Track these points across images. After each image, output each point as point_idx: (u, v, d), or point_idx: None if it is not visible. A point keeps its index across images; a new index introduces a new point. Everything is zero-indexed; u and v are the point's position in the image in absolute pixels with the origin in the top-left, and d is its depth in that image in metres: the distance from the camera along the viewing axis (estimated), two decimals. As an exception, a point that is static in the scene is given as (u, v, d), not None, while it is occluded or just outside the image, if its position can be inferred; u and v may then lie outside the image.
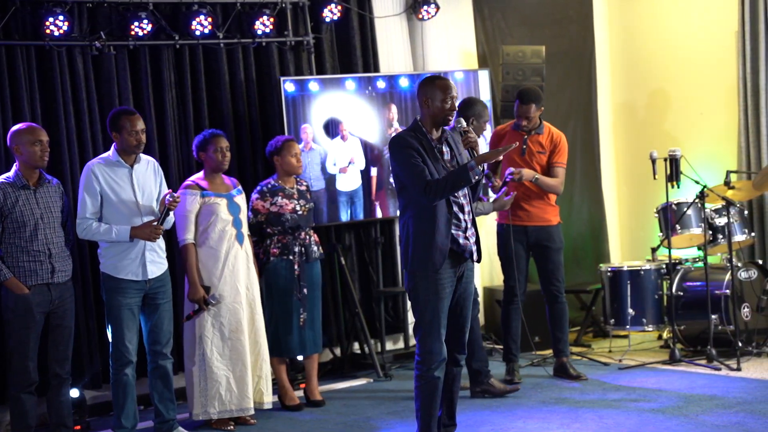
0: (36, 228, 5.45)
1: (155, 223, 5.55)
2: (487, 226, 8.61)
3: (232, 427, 6.03)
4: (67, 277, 5.59)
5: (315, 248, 6.50)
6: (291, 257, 6.38)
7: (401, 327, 7.94)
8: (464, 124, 4.96)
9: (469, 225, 4.88)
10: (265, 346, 6.24)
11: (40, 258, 5.45)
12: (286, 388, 6.52)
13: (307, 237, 6.47)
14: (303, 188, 6.58)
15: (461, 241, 4.82)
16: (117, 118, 5.65)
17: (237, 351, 6.01)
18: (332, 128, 7.45)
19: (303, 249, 6.42)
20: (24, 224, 5.42)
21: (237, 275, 6.06)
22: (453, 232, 4.80)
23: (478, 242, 4.95)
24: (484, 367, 6.43)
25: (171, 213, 5.67)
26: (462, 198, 4.86)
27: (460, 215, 4.83)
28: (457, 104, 4.89)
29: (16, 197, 5.44)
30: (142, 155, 5.76)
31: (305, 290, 6.41)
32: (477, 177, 4.76)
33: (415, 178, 4.77)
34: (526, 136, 6.74)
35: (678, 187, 7.12)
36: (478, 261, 4.97)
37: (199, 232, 6.04)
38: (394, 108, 7.61)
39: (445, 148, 4.89)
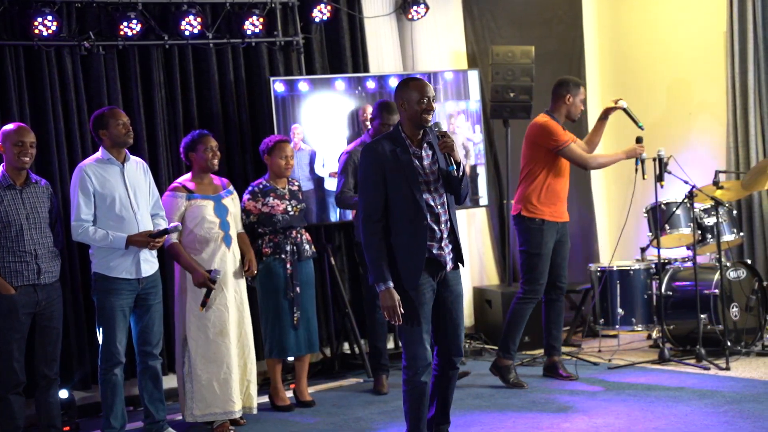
0: (22, 228, 5.42)
1: (152, 235, 5.58)
2: (477, 224, 8.63)
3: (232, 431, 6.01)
4: (54, 278, 5.57)
5: (307, 247, 6.49)
6: (283, 256, 6.37)
7: (392, 327, 7.93)
8: (441, 127, 4.85)
9: (445, 235, 4.76)
10: (253, 349, 6.21)
11: (26, 259, 5.43)
12: (278, 389, 6.50)
13: (299, 236, 6.46)
14: (295, 188, 6.56)
15: (435, 251, 4.73)
16: (100, 116, 5.65)
17: (221, 353, 5.97)
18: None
19: (295, 248, 6.41)
20: (9, 224, 5.40)
21: (224, 278, 6.02)
22: (428, 242, 4.70)
23: (457, 249, 4.83)
24: None
25: (169, 235, 5.71)
26: (439, 207, 4.75)
27: (435, 226, 4.72)
28: (434, 105, 4.76)
29: (1, 197, 5.41)
30: (131, 156, 5.76)
31: (298, 289, 6.40)
32: (458, 175, 4.73)
33: (363, 203, 4.74)
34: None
35: (661, 186, 7.14)
36: (456, 267, 4.86)
37: (186, 233, 6.01)
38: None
39: (425, 152, 4.77)
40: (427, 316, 4.74)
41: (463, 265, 4.91)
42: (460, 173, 4.72)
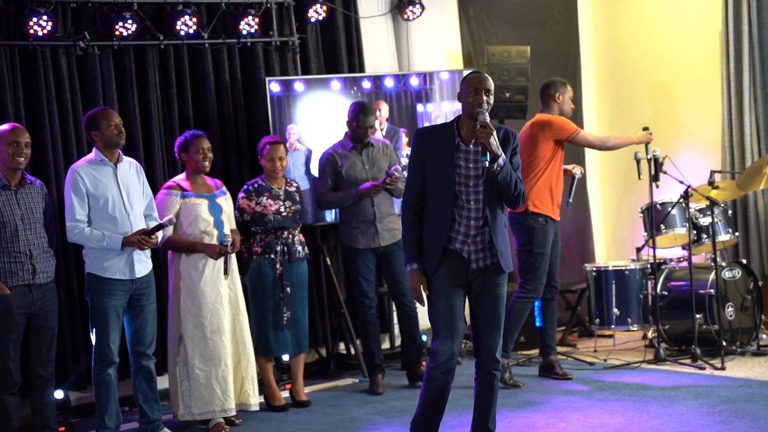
0: (16, 229, 5.41)
1: (147, 233, 5.57)
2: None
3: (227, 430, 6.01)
4: (49, 278, 5.56)
5: (299, 248, 6.49)
6: (273, 256, 6.37)
7: (387, 327, 7.94)
8: (483, 117, 4.59)
9: (472, 231, 4.63)
10: (251, 347, 6.22)
11: (21, 259, 5.42)
12: (272, 389, 6.51)
13: (290, 236, 6.46)
14: (292, 189, 6.56)
15: (457, 245, 4.65)
16: (92, 117, 5.65)
17: (218, 351, 5.98)
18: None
19: (285, 248, 6.41)
20: (4, 224, 5.38)
21: (218, 276, 6.03)
22: (452, 235, 4.65)
23: (491, 248, 4.64)
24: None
25: (163, 229, 5.70)
26: (472, 203, 4.63)
27: (462, 221, 4.63)
28: (486, 98, 4.62)
29: (-4, 197, 5.42)
30: (124, 157, 5.75)
31: (288, 289, 6.40)
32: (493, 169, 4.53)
33: (405, 184, 4.81)
34: None
35: (657, 186, 7.15)
36: (490, 268, 4.67)
37: (180, 232, 6.02)
38: (384, 107, 7.60)
39: (475, 147, 4.64)
40: (446, 310, 4.66)
41: (503, 270, 4.68)
42: (495, 167, 4.53)
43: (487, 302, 4.71)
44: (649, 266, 7.54)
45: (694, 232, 7.36)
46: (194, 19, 6.99)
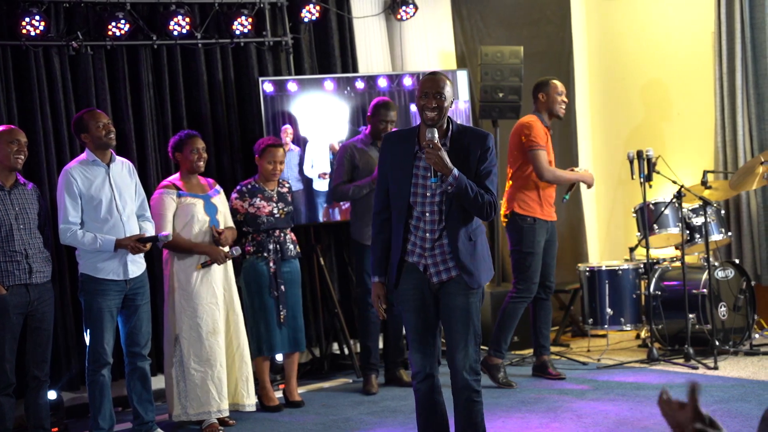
0: (11, 229, 5.41)
1: (142, 240, 5.57)
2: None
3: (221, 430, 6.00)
4: (46, 278, 5.55)
5: (291, 246, 6.49)
6: (266, 255, 6.37)
7: (384, 327, 7.91)
8: (430, 135, 4.29)
9: (428, 245, 4.41)
10: (246, 347, 6.22)
11: (17, 258, 5.41)
12: (267, 389, 6.50)
13: (282, 235, 6.45)
14: (284, 190, 6.56)
15: (414, 258, 4.45)
16: (80, 120, 5.64)
17: (214, 352, 5.98)
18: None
19: (278, 247, 6.41)
20: (-2, 225, 5.39)
21: (214, 276, 6.04)
22: (409, 247, 4.50)
23: (453, 260, 4.41)
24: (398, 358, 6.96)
25: (158, 242, 5.71)
26: (428, 215, 4.41)
27: (417, 232, 4.45)
28: (436, 101, 4.32)
29: (-10, 198, 5.40)
30: (117, 157, 5.74)
31: (282, 287, 6.40)
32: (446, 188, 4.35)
33: (376, 191, 4.65)
34: (551, 131, 6.85)
35: (650, 186, 7.16)
36: (455, 280, 4.43)
37: (176, 233, 6.01)
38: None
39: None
40: (413, 323, 4.52)
41: (473, 287, 4.43)
42: (446, 186, 4.32)
43: (450, 318, 4.46)
44: (642, 266, 7.56)
45: (687, 231, 7.37)
46: (187, 19, 6.98)
